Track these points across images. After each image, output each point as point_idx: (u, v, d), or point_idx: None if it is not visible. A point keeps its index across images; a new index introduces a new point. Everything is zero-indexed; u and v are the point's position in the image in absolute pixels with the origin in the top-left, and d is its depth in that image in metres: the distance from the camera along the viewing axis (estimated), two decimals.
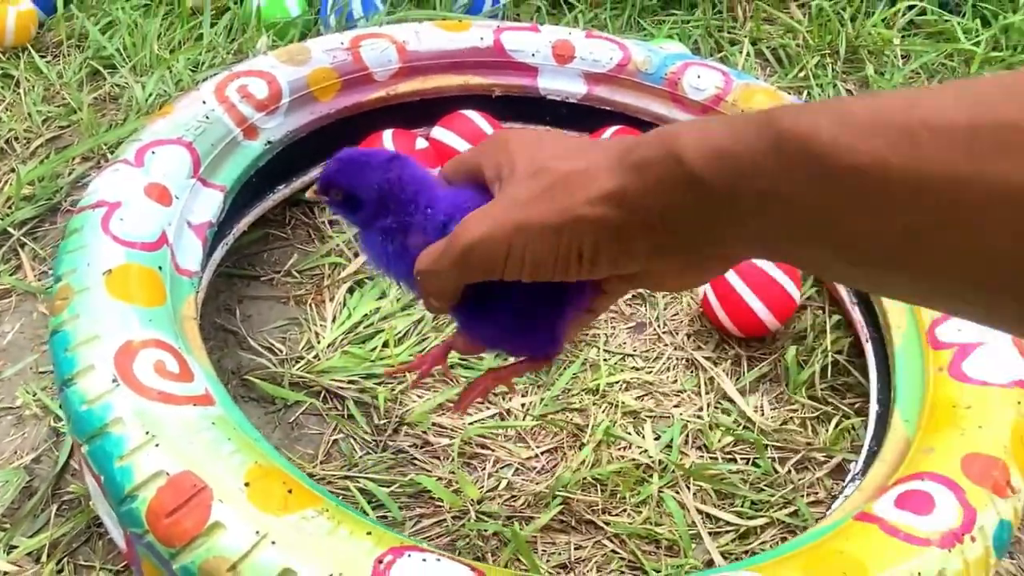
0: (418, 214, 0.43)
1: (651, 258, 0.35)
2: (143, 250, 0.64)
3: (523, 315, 0.44)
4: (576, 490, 0.69)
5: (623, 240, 0.35)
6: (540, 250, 0.36)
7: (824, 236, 0.28)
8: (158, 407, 0.53)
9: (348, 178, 0.44)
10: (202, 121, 0.78)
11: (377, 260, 0.46)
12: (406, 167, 0.44)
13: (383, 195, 0.43)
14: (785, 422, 0.77)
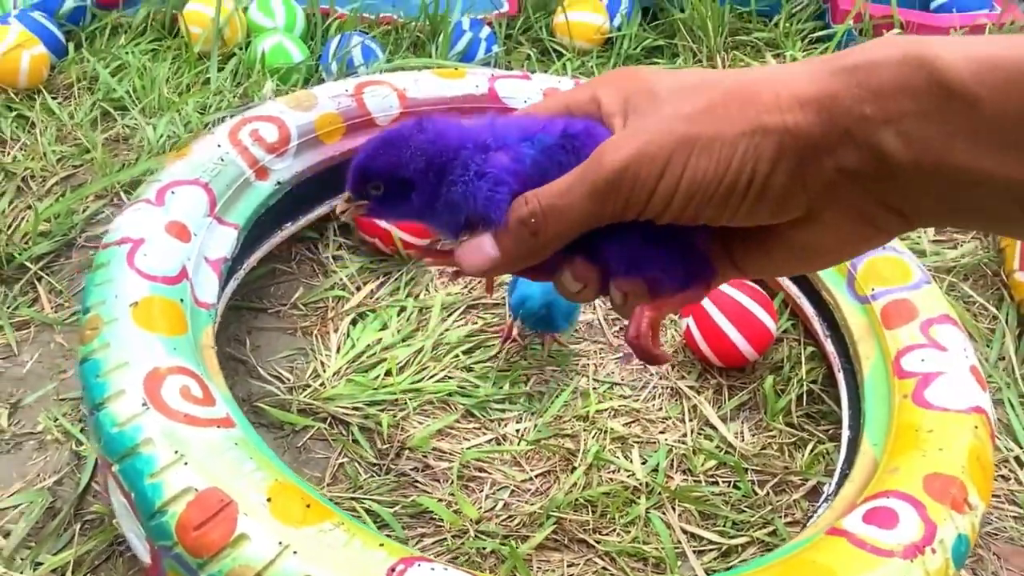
0: (490, 158, 0.35)
1: (826, 197, 0.30)
2: (165, 284, 0.69)
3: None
4: (568, 511, 0.74)
5: (811, 159, 0.29)
6: (705, 167, 0.30)
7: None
8: (185, 429, 0.57)
9: (384, 161, 0.36)
10: (217, 163, 0.83)
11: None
12: (437, 123, 0.37)
13: (432, 161, 0.36)
14: (764, 447, 0.82)
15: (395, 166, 0.36)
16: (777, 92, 0.29)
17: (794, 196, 0.31)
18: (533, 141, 0.35)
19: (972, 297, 1.00)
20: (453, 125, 0.37)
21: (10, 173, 1.03)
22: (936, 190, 0.29)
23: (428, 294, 0.94)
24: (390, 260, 0.97)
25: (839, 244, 0.33)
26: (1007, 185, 0.27)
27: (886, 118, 0.28)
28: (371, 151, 0.37)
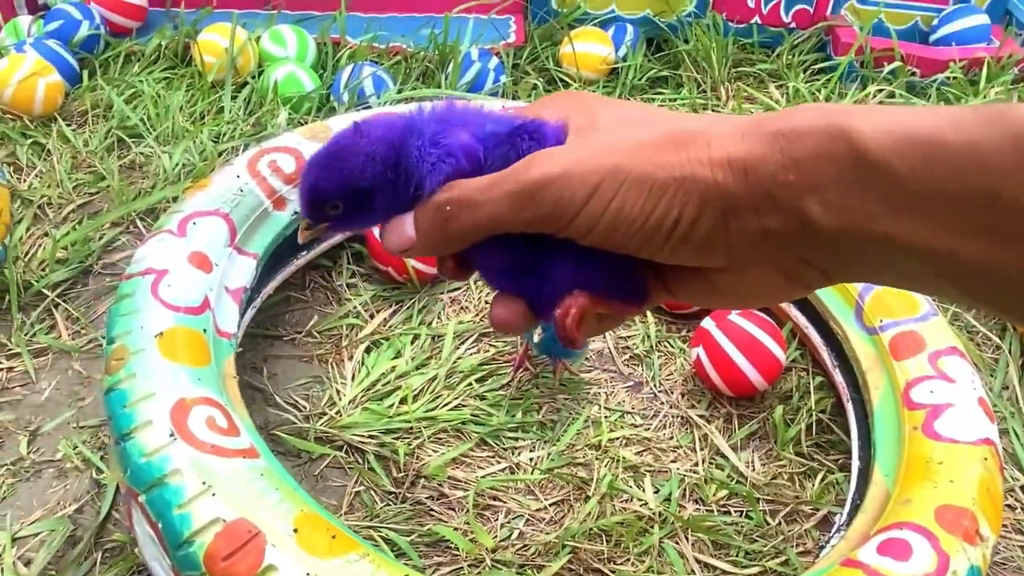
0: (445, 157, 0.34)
1: (749, 251, 0.31)
2: (189, 314, 0.70)
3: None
4: (583, 540, 0.75)
5: (735, 216, 0.30)
6: (632, 202, 0.30)
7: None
8: (212, 459, 0.58)
9: (337, 178, 0.34)
10: (237, 194, 0.84)
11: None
12: (375, 123, 0.35)
13: (386, 160, 0.34)
14: (775, 477, 0.83)
15: (349, 180, 0.34)
16: (710, 145, 0.30)
17: (717, 246, 0.31)
18: (484, 129, 0.35)
19: (975, 327, 1.01)
20: (395, 119, 0.36)
21: (27, 200, 1.05)
22: (858, 254, 0.29)
23: (441, 322, 0.95)
24: (403, 288, 0.98)
25: (761, 292, 0.34)
26: (926, 254, 0.27)
27: (808, 186, 0.28)
28: (319, 171, 0.35)
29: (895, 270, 0.30)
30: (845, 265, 0.31)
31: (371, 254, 0.99)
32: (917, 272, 0.29)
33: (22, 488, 0.74)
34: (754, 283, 0.33)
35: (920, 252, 0.28)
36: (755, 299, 0.35)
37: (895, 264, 0.29)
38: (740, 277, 0.33)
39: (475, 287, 1.00)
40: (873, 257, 0.29)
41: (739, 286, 0.34)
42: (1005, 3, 1.52)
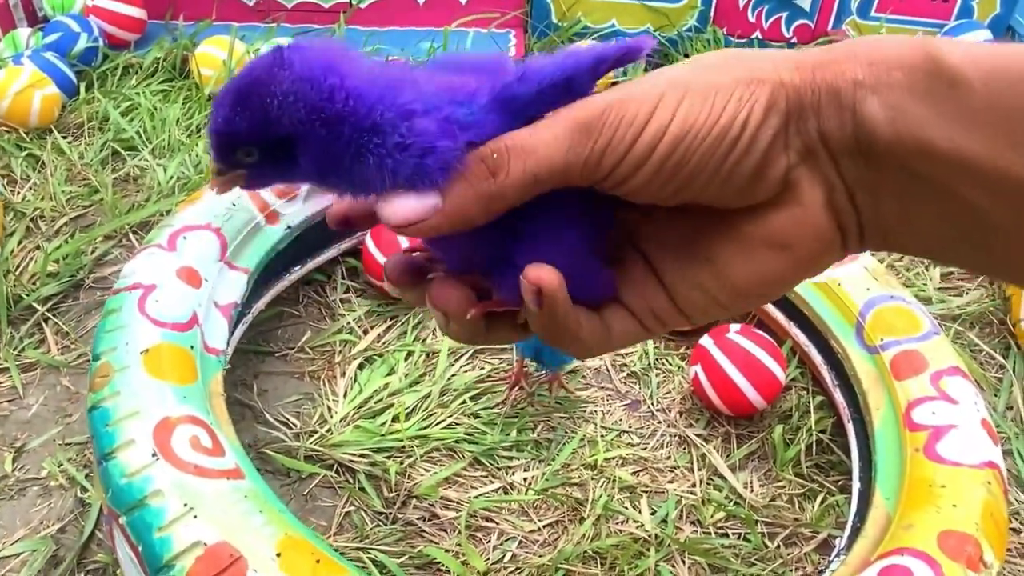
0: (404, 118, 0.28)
1: (803, 166, 0.29)
2: (176, 330, 0.69)
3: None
4: (577, 563, 0.73)
5: (796, 117, 0.29)
6: (698, 110, 0.28)
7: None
8: (195, 480, 0.57)
9: (248, 119, 0.27)
10: (229, 208, 0.83)
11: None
12: (305, 52, 0.28)
13: (314, 106, 0.27)
14: (773, 498, 0.82)
15: (261, 124, 0.27)
16: (773, 56, 0.29)
17: (776, 158, 0.29)
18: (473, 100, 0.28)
19: (979, 345, 1.00)
20: (338, 49, 0.28)
21: (20, 213, 1.04)
22: (906, 177, 0.28)
23: (435, 338, 0.94)
24: (397, 303, 0.97)
25: (799, 242, 0.30)
26: (982, 171, 0.26)
27: (876, 85, 0.28)
28: (227, 108, 0.28)
29: (941, 202, 0.28)
30: (885, 203, 0.29)
31: (366, 269, 0.97)
32: (962, 204, 0.27)
33: (5, 507, 0.73)
34: (793, 229, 0.30)
35: (976, 170, 0.26)
36: (788, 267, 0.31)
37: (943, 192, 0.28)
38: (781, 220, 0.30)
39: None
40: (921, 183, 0.28)
41: (781, 231, 0.30)
42: (1007, 18, 1.51)
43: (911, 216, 0.29)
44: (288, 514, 0.58)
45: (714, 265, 0.31)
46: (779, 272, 0.31)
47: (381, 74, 0.28)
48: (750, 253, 0.31)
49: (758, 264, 0.31)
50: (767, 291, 0.31)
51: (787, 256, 0.30)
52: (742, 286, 0.31)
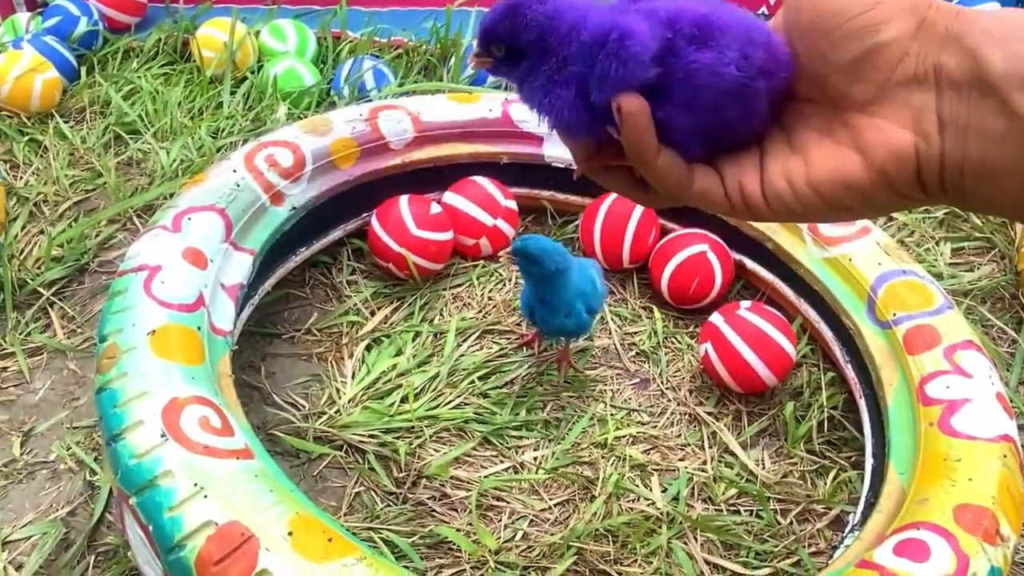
0: (581, 45, 0.37)
1: (910, 82, 0.33)
2: (182, 311, 0.68)
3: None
4: (589, 541, 0.73)
5: (920, 36, 0.33)
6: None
7: None
8: (204, 460, 0.56)
9: (504, 26, 0.39)
10: (233, 189, 0.82)
11: (555, 112, 0.39)
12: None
13: (543, 34, 0.38)
14: (785, 475, 0.81)
15: (509, 33, 0.39)
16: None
17: (888, 55, 0.33)
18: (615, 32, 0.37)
19: (990, 320, 0.99)
20: (573, 5, 0.39)
21: (23, 198, 1.03)
22: (996, 126, 0.30)
23: (443, 319, 0.93)
24: (404, 284, 0.97)
25: (875, 150, 0.34)
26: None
27: (1004, 38, 0.31)
28: (499, 15, 0.39)
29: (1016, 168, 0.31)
30: (978, 136, 0.31)
31: (372, 250, 0.97)
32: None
33: (14, 490, 0.72)
34: (877, 141, 0.33)
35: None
36: (863, 185, 0.34)
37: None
38: (874, 127, 0.33)
39: (477, 283, 0.98)
40: (1015, 126, 0.30)
41: (868, 139, 0.34)
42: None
43: (994, 163, 0.31)
44: (299, 493, 0.58)
45: (803, 155, 0.35)
46: (853, 174, 0.34)
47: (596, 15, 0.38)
48: (833, 148, 0.35)
49: (836, 160, 0.34)
50: (838, 194, 0.34)
51: (862, 161, 0.34)
52: (817, 178, 0.35)
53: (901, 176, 0.33)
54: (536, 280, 0.80)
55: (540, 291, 0.81)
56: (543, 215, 1.09)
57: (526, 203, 1.07)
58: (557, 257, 0.79)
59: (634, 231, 0.99)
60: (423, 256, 0.94)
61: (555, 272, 0.79)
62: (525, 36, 0.38)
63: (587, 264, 0.86)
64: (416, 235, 0.93)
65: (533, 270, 0.79)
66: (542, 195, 1.08)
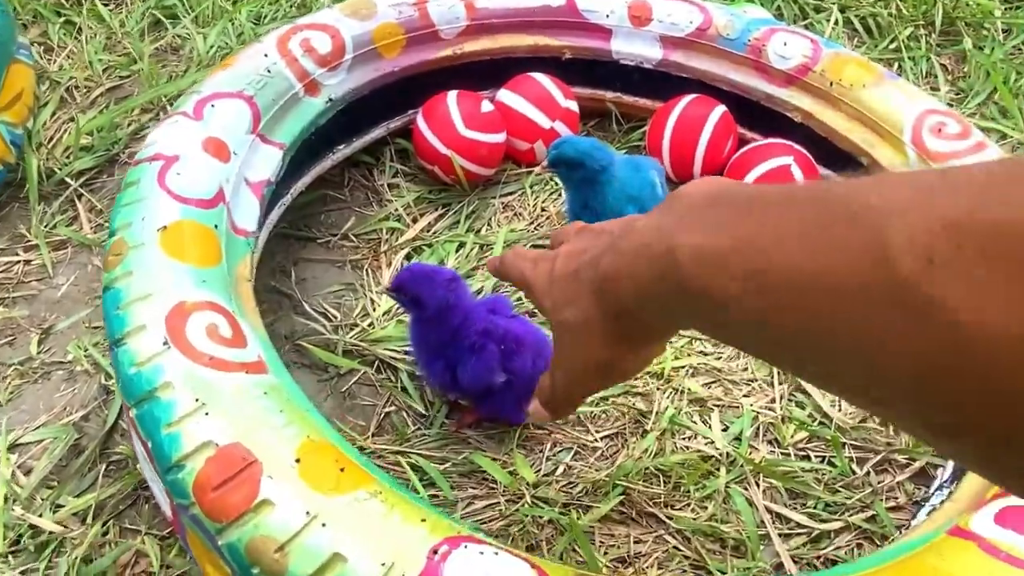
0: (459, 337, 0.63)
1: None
2: (199, 207, 0.61)
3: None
4: (638, 480, 0.66)
5: (630, 349, 0.42)
6: (596, 381, 0.46)
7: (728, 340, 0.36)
8: (209, 373, 0.50)
9: (416, 287, 0.63)
10: (263, 75, 0.74)
11: (417, 348, 0.66)
12: (461, 293, 0.64)
13: (441, 308, 0.63)
14: (863, 419, 0.72)
15: (417, 293, 0.64)
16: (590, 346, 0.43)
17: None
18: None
19: None
20: (466, 307, 0.65)
21: (54, 82, 0.97)
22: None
23: (491, 229, 0.85)
24: (450, 190, 0.89)
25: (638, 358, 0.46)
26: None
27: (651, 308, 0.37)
28: (408, 276, 0.65)
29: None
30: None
31: (416, 152, 0.88)
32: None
33: (29, 391, 0.69)
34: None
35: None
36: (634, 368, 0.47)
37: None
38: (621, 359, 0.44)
39: (530, 192, 0.89)
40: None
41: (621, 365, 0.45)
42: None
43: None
44: (314, 413, 0.52)
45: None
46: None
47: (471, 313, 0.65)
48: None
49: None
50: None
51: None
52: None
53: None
54: (577, 185, 0.73)
55: (583, 196, 0.73)
56: (607, 119, 0.98)
57: (589, 105, 0.97)
58: (598, 155, 0.71)
59: (709, 139, 0.89)
60: (471, 159, 0.86)
61: (598, 171, 0.71)
62: (428, 301, 0.63)
63: (645, 164, 0.77)
64: (464, 135, 0.85)
65: (575, 176, 0.72)
66: (607, 96, 0.98)
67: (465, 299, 0.64)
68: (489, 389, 0.64)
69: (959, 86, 1.10)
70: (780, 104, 0.90)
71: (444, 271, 0.64)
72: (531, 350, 0.64)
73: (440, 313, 0.62)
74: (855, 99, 0.86)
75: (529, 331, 0.65)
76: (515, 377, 0.63)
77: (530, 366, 0.63)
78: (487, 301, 0.67)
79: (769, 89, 0.91)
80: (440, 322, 0.63)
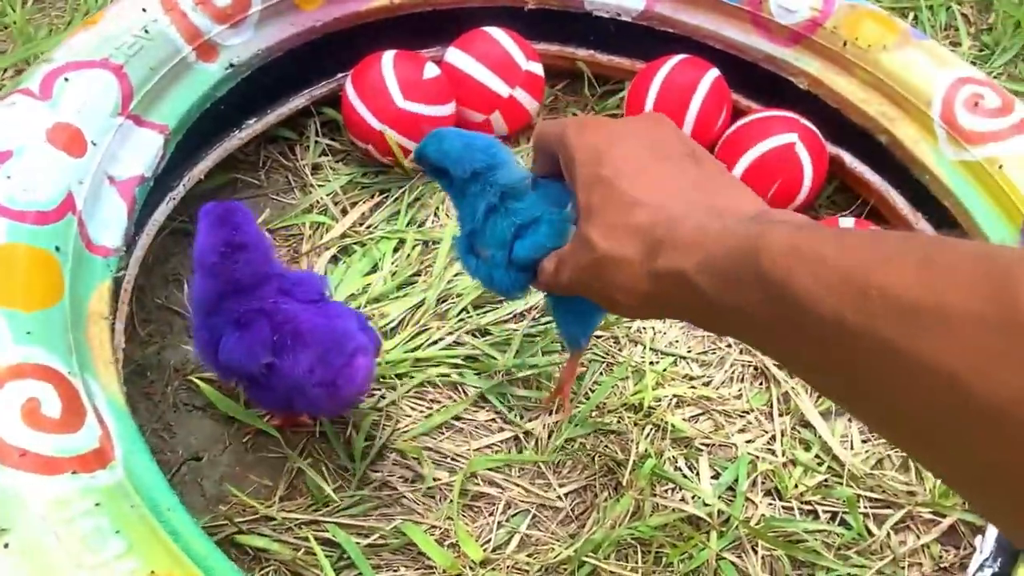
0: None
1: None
2: (33, 223, 0.47)
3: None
4: (611, 553, 0.53)
5: (651, 315, 0.40)
6: (600, 302, 0.40)
7: (788, 358, 0.33)
8: (20, 479, 0.36)
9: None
10: (139, 36, 0.59)
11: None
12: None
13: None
14: (879, 461, 0.60)
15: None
16: (622, 281, 0.39)
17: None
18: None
19: None
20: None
21: None
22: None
23: (436, 221, 0.71)
24: (388, 172, 0.74)
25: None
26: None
27: (673, 311, 0.39)
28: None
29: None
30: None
31: (347, 124, 0.73)
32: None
33: None
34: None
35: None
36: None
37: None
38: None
39: None
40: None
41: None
42: None
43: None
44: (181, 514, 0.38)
45: None
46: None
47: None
48: None
49: None
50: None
51: None
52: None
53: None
54: (456, 201, 0.48)
55: (461, 215, 0.48)
56: (578, 81, 0.83)
57: (556, 64, 0.82)
58: (478, 155, 0.46)
59: (699, 109, 0.74)
60: (412, 137, 0.71)
61: (467, 180, 0.46)
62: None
63: (562, 198, 0.46)
64: (403, 108, 0.69)
65: (444, 186, 0.48)
66: (578, 54, 0.82)
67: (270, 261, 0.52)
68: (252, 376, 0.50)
69: (983, 40, 0.96)
70: (783, 67, 0.76)
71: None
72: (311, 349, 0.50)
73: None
74: (873, 63, 0.71)
75: (318, 326, 0.50)
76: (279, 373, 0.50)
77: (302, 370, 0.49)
78: (296, 276, 0.53)
79: (770, 49, 0.76)
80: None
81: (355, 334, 0.51)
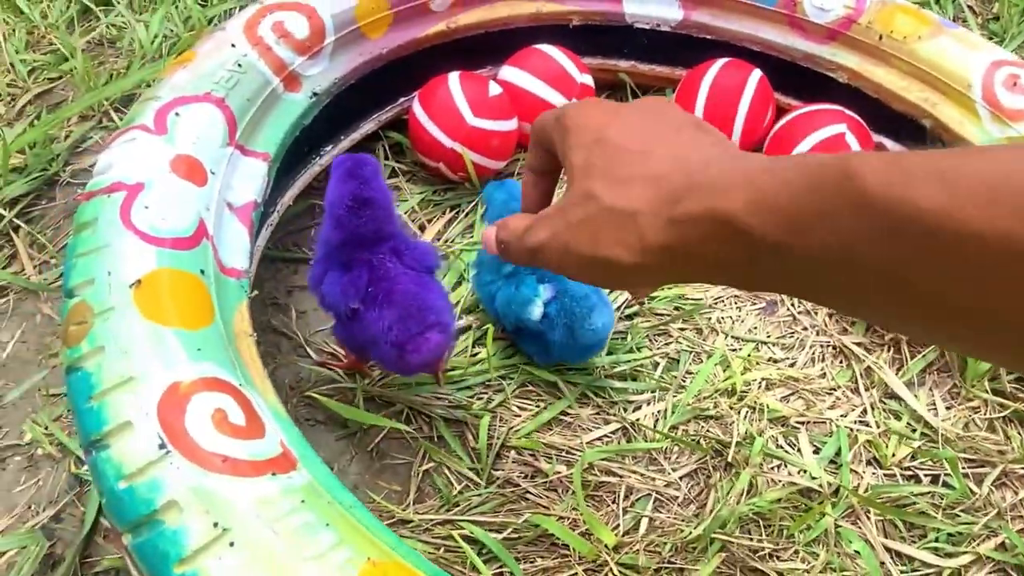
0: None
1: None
2: (178, 248, 0.48)
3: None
4: (735, 529, 0.56)
5: (653, 279, 0.35)
6: (579, 272, 0.37)
7: (893, 295, 0.26)
8: (225, 483, 0.38)
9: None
10: (233, 70, 0.61)
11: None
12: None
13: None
14: (967, 424, 0.63)
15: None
16: (631, 235, 0.34)
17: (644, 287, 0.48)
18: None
19: None
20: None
21: None
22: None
23: None
24: (457, 188, 0.76)
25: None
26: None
27: (705, 264, 0.32)
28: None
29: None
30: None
31: (415, 146, 0.76)
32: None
33: None
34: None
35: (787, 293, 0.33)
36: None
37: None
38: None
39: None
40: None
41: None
42: None
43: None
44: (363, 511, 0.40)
45: None
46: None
47: None
48: None
49: None
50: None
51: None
52: None
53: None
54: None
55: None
56: (620, 91, 0.87)
57: (598, 77, 0.85)
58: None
59: (748, 109, 0.78)
60: (482, 152, 0.73)
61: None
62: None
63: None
64: (473, 125, 0.72)
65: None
66: (620, 66, 0.86)
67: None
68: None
69: (991, 28, 1.01)
70: (822, 64, 0.80)
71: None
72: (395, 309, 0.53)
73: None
74: (910, 53, 0.75)
75: (409, 292, 0.53)
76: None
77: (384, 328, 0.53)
78: (414, 243, 0.56)
79: (807, 47, 0.80)
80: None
81: (439, 310, 0.54)
